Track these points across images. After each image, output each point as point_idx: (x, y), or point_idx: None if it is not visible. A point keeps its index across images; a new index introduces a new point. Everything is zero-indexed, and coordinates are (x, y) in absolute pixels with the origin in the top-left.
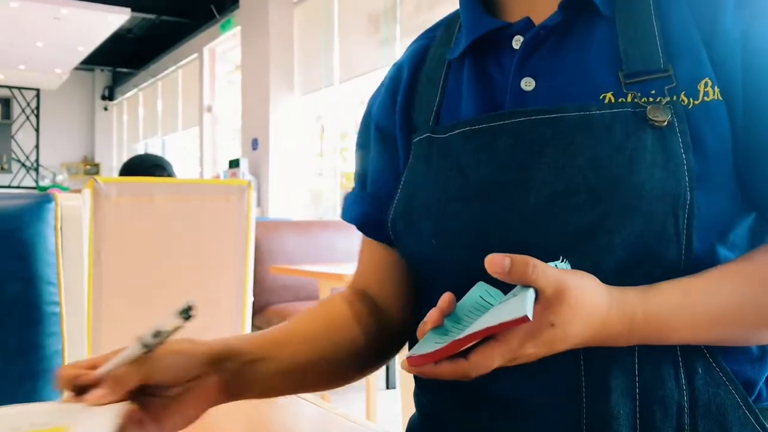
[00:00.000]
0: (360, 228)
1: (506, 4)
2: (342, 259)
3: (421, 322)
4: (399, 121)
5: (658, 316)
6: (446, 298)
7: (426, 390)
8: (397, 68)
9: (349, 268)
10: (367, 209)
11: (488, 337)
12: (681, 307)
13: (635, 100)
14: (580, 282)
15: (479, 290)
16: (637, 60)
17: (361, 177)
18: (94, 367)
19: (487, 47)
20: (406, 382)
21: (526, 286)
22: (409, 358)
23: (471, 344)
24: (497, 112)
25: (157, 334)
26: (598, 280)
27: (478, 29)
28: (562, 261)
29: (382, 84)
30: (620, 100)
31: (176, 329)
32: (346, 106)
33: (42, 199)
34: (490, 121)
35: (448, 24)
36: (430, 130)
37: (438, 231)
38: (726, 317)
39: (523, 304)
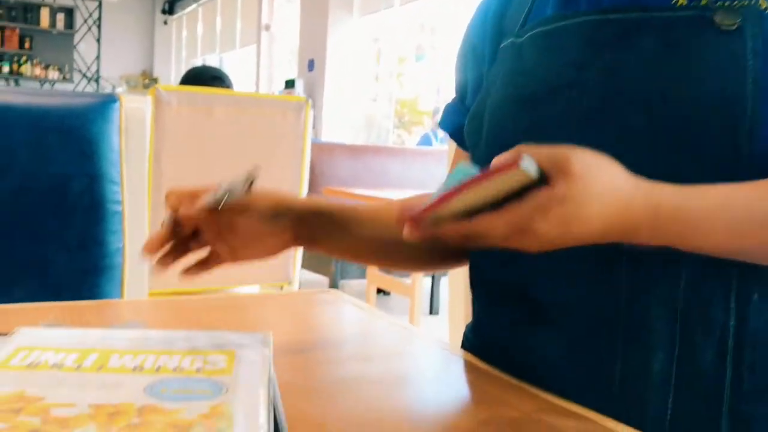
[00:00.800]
0: (452, 136)
1: None
2: (394, 184)
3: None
4: (489, 32)
5: (689, 213)
6: None
7: (480, 295)
8: None
9: (401, 194)
10: (462, 120)
11: (497, 205)
12: (718, 209)
13: (708, 3)
14: (588, 158)
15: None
16: None
17: (460, 89)
18: (194, 195)
19: None
20: (454, 306)
21: None
22: (409, 219)
23: (472, 207)
24: (566, 12)
25: (226, 192)
26: (620, 165)
27: None
28: None
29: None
30: (693, 4)
31: (242, 190)
32: (405, 29)
33: (107, 99)
34: (556, 21)
35: None
36: (515, 35)
37: (491, 131)
38: None
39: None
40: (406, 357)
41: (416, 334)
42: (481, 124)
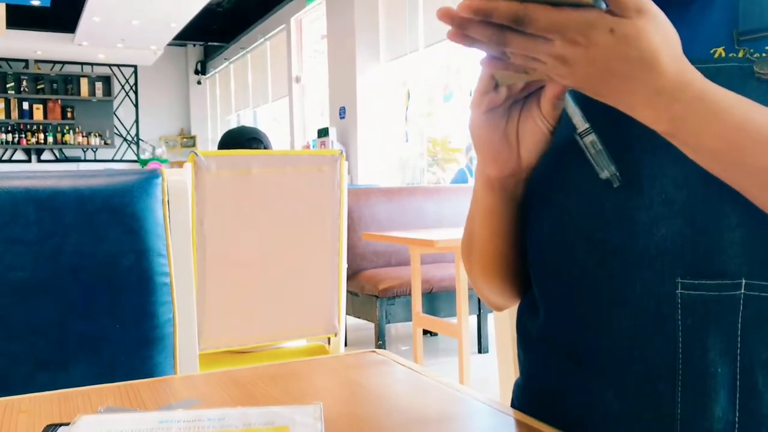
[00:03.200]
0: None
1: None
2: (431, 224)
3: None
4: None
5: (714, 96)
6: None
7: (527, 351)
8: None
9: (438, 234)
10: None
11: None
12: (736, 103)
13: (746, 55)
14: (661, 18)
15: None
16: (754, 17)
17: None
18: None
19: None
20: (503, 344)
21: None
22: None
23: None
24: None
25: None
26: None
27: None
28: None
29: None
30: (731, 55)
31: None
32: (431, 71)
33: (150, 176)
34: None
35: None
36: None
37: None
38: None
39: None
40: (457, 421)
41: (467, 393)
42: None
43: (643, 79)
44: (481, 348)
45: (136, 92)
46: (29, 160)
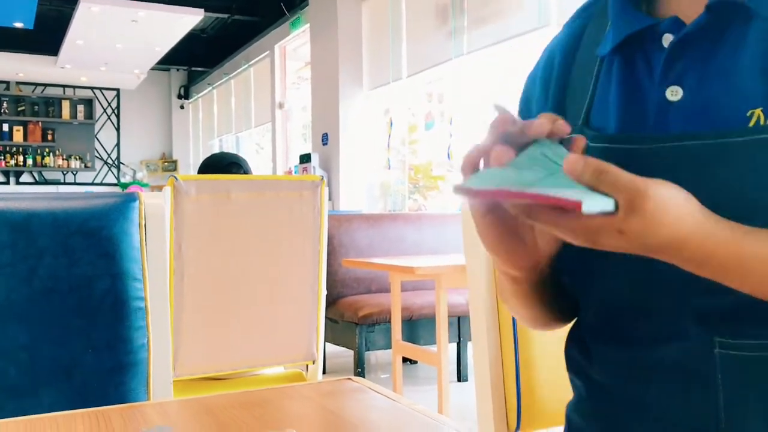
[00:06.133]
0: None
1: (653, 1)
2: (411, 251)
3: (476, 152)
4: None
5: (740, 256)
6: (504, 151)
7: (580, 378)
8: (549, 54)
9: (419, 261)
10: None
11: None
12: (737, 234)
13: None
14: (665, 195)
15: (541, 147)
16: None
17: None
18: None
19: (636, 45)
20: (481, 373)
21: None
22: (466, 188)
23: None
24: (637, 133)
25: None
26: (694, 203)
27: (628, 27)
28: None
29: (536, 71)
30: None
31: None
32: (413, 99)
33: (127, 198)
34: (627, 142)
35: (603, 6)
36: (579, 131)
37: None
38: None
39: (590, 196)
40: None
41: (442, 422)
42: None
43: (669, 255)
44: (461, 376)
45: (118, 116)
46: (7, 182)
